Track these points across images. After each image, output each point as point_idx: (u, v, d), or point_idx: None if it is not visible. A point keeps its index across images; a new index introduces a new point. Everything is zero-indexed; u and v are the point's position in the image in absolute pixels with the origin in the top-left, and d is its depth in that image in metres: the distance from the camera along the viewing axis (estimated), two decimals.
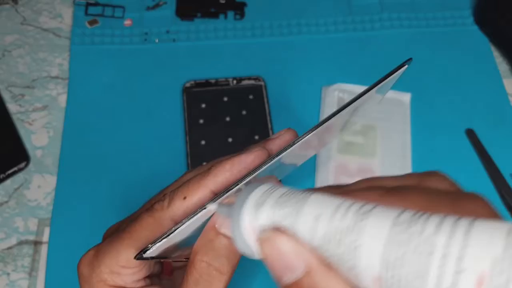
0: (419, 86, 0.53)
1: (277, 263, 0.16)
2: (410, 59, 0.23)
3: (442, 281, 0.12)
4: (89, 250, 0.25)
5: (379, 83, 0.23)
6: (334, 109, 0.50)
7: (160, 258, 0.22)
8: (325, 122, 0.21)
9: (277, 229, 0.17)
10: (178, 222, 0.21)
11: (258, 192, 0.18)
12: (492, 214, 0.16)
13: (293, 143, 0.21)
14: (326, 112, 0.51)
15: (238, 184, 0.21)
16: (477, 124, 0.51)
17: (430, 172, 0.19)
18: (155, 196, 0.26)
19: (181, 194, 0.23)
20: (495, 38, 0.56)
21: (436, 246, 0.13)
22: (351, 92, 0.51)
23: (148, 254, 0.21)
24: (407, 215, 0.14)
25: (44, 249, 0.44)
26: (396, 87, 0.52)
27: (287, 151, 0.21)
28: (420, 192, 0.17)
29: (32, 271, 0.43)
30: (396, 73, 0.23)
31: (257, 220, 0.17)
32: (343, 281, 0.15)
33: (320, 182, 0.47)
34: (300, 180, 0.47)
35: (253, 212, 0.17)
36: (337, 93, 0.51)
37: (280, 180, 0.27)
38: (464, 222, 0.13)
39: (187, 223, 0.20)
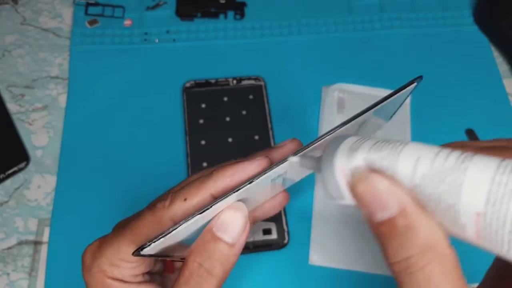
0: (419, 86, 0.53)
1: (371, 201, 0.17)
2: (420, 77, 0.23)
3: None
4: (94, 241, 0.25)
5: (388, 99, 0.23)
6: (334, 109, 0.50)
7: (159, 256, 0.22)
8: (328, 134, 0.22)
9: (374, 169, 0.17)
10: (177, 223, 0.21)
11: (351, 139, 0.19)
12: None
13: (295, 154, 0.22)
14: (326, 112, 0.51)
15: (239, 189, 0.21)
16: (477, 124, 0.51)
17: None
18: (161, 195, 0.27)
19: (182, 195, 0.24)
20: (495, 38, 0.56)
21: None
22: (351, 92, 0.52)
23: (146, 251, 0.21)
24: (509, 161, 0.14)
25: (44, 249, 0.44)
26: (396, 87, 0.52)
27: (286, 162, 0.22)
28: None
29: (32, 271, 0.43)
30: (404, 91, 0.23)
31: (352, 161, 0.18)
32: (436, 222, 0.16)
33: (320, 181, 0.47)
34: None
35: (348, 154, 0.18)
36: (337, 93, 0.51)
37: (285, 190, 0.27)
38: None
39: (184, 225, 0.21)
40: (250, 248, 0.44)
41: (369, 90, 0.52)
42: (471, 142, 0.21)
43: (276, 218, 0.45)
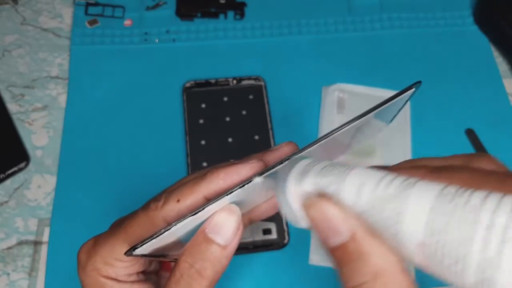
0: (419, 86, 0.53)
1: (323, 227, 0.17)
2: (419, 82, 0.23)
3: (487, 249, 0.13)
4: (89, 239, 0.26)
5: (384, 104, 0.23)
6: (334, 109, 0.50)
7: (152, 256, 0.22)
8: (324, 139, 0.21)
9: (322, 195, 0.17)
10: (170, 223, 0.21)
11: (303, 163, 0.19)
12: None
13: (290, 157, 0.22)
14: (326, 112, 0.51)
15: (231, 192, 0.21)
16: (477, 124, 0.51)
17: (477, 153, 0.20)
18: (155, 195, 0.27)
19: (175, 196, 0.24)
20: (495, 38, 0.56)
21: (481, 216, 0.13)
22: (351, 92, 0.52)
23: (138, 252, 0.21)
24: (452, 188, 0.14)
25: (44, 249, 0.44)
26: (396, 87, 0.52)
27: (282, 165, 0.22)
28: (466, 171, 0.18)
29: (32, 271, 0.43)
30: (403, 95, 0.23)
31: (301, 186, 0.18)
32: (386, 247, 0.16)
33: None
34: None
35: (298, 179, 0.18)
36: (337, 93, 0.51)
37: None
38: (510, 198, 0.13)
39: (176, 227, 0.21)
40: (250, 248, 0.44)
41: (369, 90, 0.52)
42: (426, 160, 0.21)
43: (276, 218, 0.45)
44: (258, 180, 0.21)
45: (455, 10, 0.58)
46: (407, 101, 0.25)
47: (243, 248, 0.44)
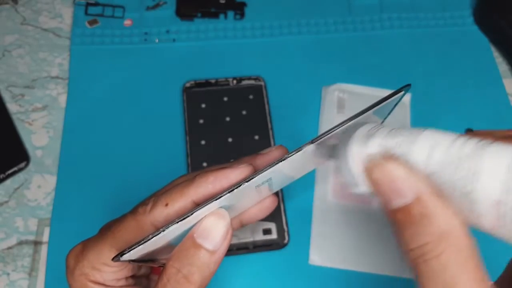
0: (419, 86, 0.53)
1: (387, 188, 0.17)
2: (409, 85, 0.23)
3: None
4: (78, 244, 0.26)
5: (374, 107, 0.23)
6: (334, 109, 0.50)
7: (140, 261, 0.22)
8: (314, 142, 0.21)
9: (389, 156, 0.17)
10: (158, 228, 0.21)
11: (367, 126, 0.19)
12: None
13: (281, 160, 0.22)
14: (326, 112, 0.51)
15: (219, 197, 0.21)
16: (477, 124, 0.51)
17: None
18: (144, 199, 0.26)
19: (163, 200, 0.24)
20: (495, 38, 0.56)
21: None
22: (351, 92, 0.52)
23: (125, 258, 0.21)
24: None
25: (44, 249, 0.44)
26: (396, 87, 0.52)
27: (272, 168, 0.21)
28: None
29: (32, 271, 0.43)
30: (393, 98, 0.23)
31: (367, 148, 0.18)
32: (452, 209, 0.16)
33: (320, 181, 0.47)
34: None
35: (363, 141, 0.18)
36: (337, 93, 0.51)
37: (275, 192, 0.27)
38: None
39: (164, 232, 0.21)
40: (250, 248, 0.44)
41: (369, 90, 0.52)
42: (491, 131, 0.21)
43: (276, 218, 0.45)
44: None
45: (455, 10, 0.58)
46: (396, 103, 0.24)
47: (243, 248, 0.44)
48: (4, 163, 0.46)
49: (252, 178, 0.21)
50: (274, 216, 0.45)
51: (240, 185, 0.21)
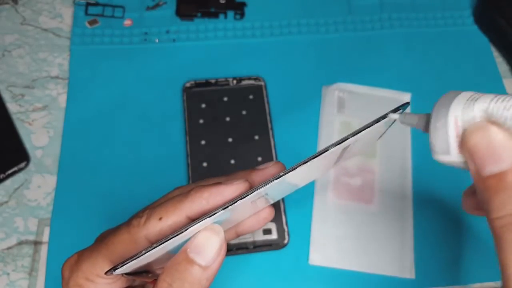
0: (419, 86, 0.53)
1: (484, 153, 0.16)
2: (407, 103, 0.23)
3: None
4: (73, 254, 0.25)
5: (373, 124, 0.23)
6: (334, 109, 0.50)
7: (134, 274, 0.22)
8: (311, 159, 0.21)
9: (492, 121, 0.17)
10: (152, 242, 0.21)
11: (469, 92, 0.18)
12: None
13: (276, 178, 0.21)
14: (326, 112, 0.51)
15: (213, 214, 0.21)
16: None
17: None
18: (139, 210, 0.26)
19: (157, 214, 0.23)
20: (495, 38, 0.56)
21: None
22: (351, 92, 0.52)
23: (118, 272, 0.21)
24: None
25: (44, 249, 0.44)
26: (396, 87, 0.52)
27: (267, 185, 0.21)
28: None
29: (32, 271, 0.43)
30: (391, 116, 0.23)
31: (470, 112, 0.17)
32: None
33: (320, 181, 0.47)
34: None
35: (466, 105, 0.18)
36: (337, 93, 0.51)
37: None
38: None
39: (156, 249, 0.21)
40: (250, 248, 0.44)
41: (369, 90, 0.52)
42: None
43: (276, 218, 0.45)
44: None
45: (455, 10, 0.58)
46: (393, 122, 0.24)
47: (243, 248, 0.44)
48: (4, 163, 0.46)
49: (247, 196, 0.21)
50: (274, 216, 0.45)
51: (235, 202, 0.21)
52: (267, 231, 0.45)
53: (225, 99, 0.51)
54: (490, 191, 0.16)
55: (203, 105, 0.50)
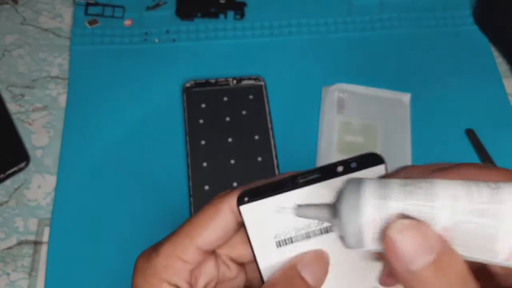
0: (419, 86, 0.53)
1: (408, 250, 0.17)
2: (380, 157, 0.23)
3: None
4: (148, 247, 0.24)
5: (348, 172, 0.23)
6: (334, 109, 0.50)
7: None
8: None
9: (408, 217, 0.18)
10: (234, 213, 0.22)
11: (373, 185, 0.19)
12: None
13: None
14: (326, 112, 0.51)
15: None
16: (477, 124, 0.51)
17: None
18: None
19: (240, 188, 0.23)
20: (495, 38, 0.56)
21: None
22: (351, 92, 0.51)
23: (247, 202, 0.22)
24: None
25: (44, 249, 0.44)
26: (396, 87, 0.52)
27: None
28: (506, 171, 0.19)
29: (32, 271, 0.43)
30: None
31: (386, 210, 0.18)
32: (462, 259, 0.17)
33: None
34: None
35: (378, 203, 0.18)
36: (337, 93, 0.51)
37: None
38: None
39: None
40: None
41: (369, 90, 0.52)
42: (424, 167, 0.21)
43: None
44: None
45: (455, 10, 0.58)
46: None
47: None
48: (4, 163, 0.46)
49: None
50: None
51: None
52: None
53: (225, 99, 0.51)
54: (422, 284, 0.17)
55: (203, 105, 0.50)
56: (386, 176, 0.21)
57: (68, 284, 0.43)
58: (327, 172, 0.22)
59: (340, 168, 0.22)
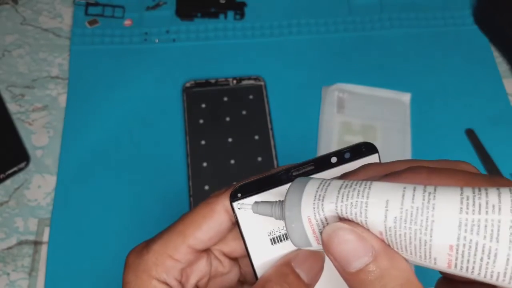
0: (419, 86, 0.53)
1: (345, 253, 0.17)
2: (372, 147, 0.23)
3: None
4: (140, 243, 0.24)
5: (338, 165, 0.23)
6: (334, 109, 0.50)
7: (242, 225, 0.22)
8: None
9: (344, 219, 0.17)
10: (229, 213, 0.22)
11: (313, 186, 0.19)
12: None
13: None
14: (326, 112, 0.51)
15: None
16: (477, 124, 0.51)
17: (457, 160, 0.21)
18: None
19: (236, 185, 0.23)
20: (495, 38, 0.56)
21: (505, 215, 0.15)
22: (351, 92, 0.51)
23: (241, 201, 0.22)
24: (468, 190, 0.16)
25: (44, 249, 0.44)
26: (396, 87, 0.52)
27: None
28: (460, 172, 0.18)
29: (32, 271, 0.43)
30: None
31: (321, 212, 0.18)
32: (405, 261, 0.17)
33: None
34: None
35: (314, 204, 0.18)
36: (337, 93, 0.51)
37: None
38: None
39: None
40: None
41: (369, 90, 0.52)
42: (418, 161, 0.21)
43: None
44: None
45: (455, 10, 0.58)
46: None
47: None
48: (4, 163, 0.46)
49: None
50: None
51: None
52: None
53: (225, 99, 0.51)
54: (361, 285, 0.17)
55: (203, 105, 0.50)
56: (344, 176, 0.21)
57: (68, 284, 0.43)
58: (321, 164, 0.22)
59: (334, 159, 0.22)
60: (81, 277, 0.43)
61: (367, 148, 0.22)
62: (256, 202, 0.21)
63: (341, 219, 0.18)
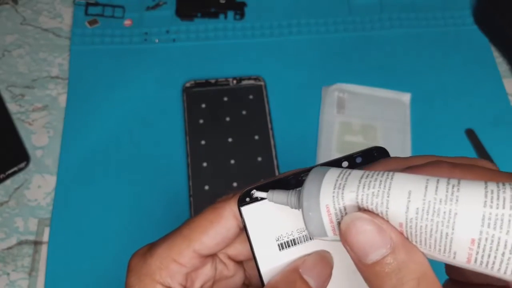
0: (419, 86, 0.53)
1: (363, 243, 0.17)
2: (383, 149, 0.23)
3: None
4: (143, 246, 0.24)
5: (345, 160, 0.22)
6: (334, 109, 0.50)
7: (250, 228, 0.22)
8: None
9: (364, 209, 0.17)
10: (240, 222, 0.21)
11: (333, 175, 0.18)
12: None
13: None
14: (326, 112, 0.51)
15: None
16: (477, 124, 0.51)
17: (475, 158, 0.20)
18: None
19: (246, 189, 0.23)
20: (495, 38, 0.56)
21: None
22: (351, 92, 0.51)
23: (258, 194, 0.21)
24: (492, 184, 0.15)
25: (44, 249, 0.44)
26: (396, 87, 0.52)
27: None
28: (481, 168, 0.18)
29: (32, 271, 0.43)
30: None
31: (340, 201, 0.18)
32: (423, 255, 0.17)
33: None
34: None
35: (334, 193, 0.18)
36: (337, 93, 0.51)
37: None
38: None
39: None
40: None
41: (369, 90, 0.52)
42: (439, 157, 0.21)
43: None
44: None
45: (455, 10, 0.58)
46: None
47: None
48: (4, 163, 0.46)
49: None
50: None
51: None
52: None
53: (225, 99, 0.51)
54: (377, 277, 0.17)
55: (203, 105, 0.50)
56: (365, 168, 0.21)
57: (68, 284, 0.43)
58: None
59: (345, 163, 0.22)
60: (81, 277, 0.43)
61: (378, 153, 0.22)
62: (271, 190, 0.21)
63: (360, 209, 0.17)
